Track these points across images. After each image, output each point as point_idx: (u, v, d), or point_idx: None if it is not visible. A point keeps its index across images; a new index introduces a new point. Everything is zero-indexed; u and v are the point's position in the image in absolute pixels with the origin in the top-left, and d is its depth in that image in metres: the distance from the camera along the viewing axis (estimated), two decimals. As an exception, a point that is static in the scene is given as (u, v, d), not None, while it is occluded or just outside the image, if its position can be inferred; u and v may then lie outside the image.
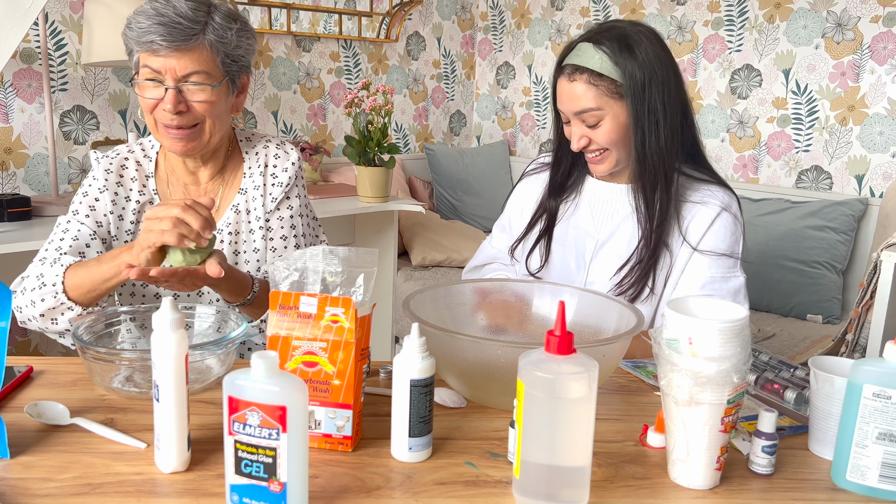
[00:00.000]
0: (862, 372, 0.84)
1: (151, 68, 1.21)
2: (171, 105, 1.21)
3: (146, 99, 1.24)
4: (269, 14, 3.10)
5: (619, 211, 1.41)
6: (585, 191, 1.45)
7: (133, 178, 1.34)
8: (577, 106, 1.31)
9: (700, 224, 1.35)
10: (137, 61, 1.24)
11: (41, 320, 1.21)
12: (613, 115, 1.31)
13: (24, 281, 1.23)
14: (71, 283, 1.18)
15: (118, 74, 2.68)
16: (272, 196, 1.37)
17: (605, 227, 1.41)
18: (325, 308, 0.88)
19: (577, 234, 1.43)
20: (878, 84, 2.82)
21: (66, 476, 0.82)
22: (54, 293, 1.18)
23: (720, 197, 1.37)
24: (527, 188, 1.54)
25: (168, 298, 0.82)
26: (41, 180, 2.55)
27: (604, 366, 0.95)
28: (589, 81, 1.30)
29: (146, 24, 1.19)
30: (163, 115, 1.24)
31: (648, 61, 1.28)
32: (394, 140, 3.69)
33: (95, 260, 1.19)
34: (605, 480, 0.85)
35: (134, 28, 1.21)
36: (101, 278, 1.16)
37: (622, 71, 1.28)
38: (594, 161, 1.37)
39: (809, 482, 0.87)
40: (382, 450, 0.91)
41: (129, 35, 1.22)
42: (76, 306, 1.19)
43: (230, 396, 0.74)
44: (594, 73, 1.29)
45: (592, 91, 1.30)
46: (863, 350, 2.05)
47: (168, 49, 1.19)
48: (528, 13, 3.84)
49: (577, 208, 1.45)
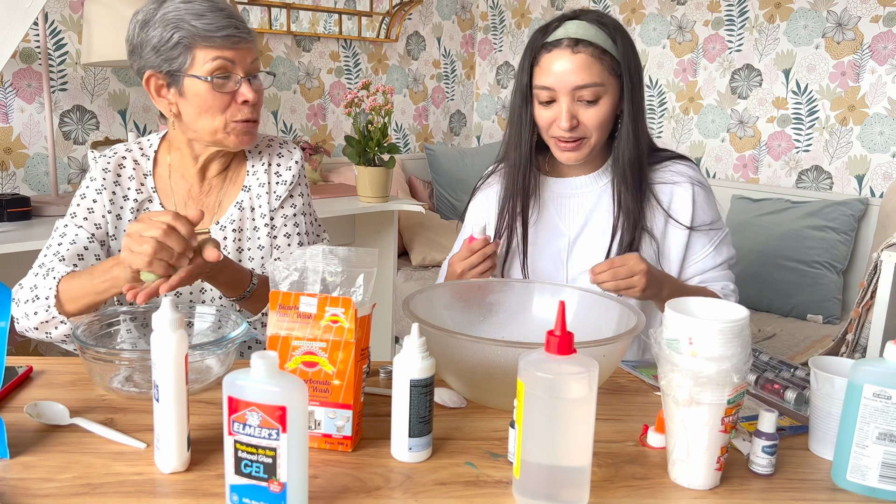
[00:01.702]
0: (862, 372, 0.84)
1: (226, 59, 1.23)
2: (252, 95, 1.25)
3: (222, 93, 1.24)
4: (269, 14, 3.10)
5: (584, 204, 1.39)
6: (544, 191, 1.42)
7: (131, 177, 1.34)
8: (580, 79, 1.25)
9: (682, 203, 1.36)
10: (191, 60, 1.22)
11: (37, 332, 1.21)
12: (611, 94, 1.28)
13: (20, 291, 1.23)
14: (65, 295, 1.17)
15: (118, 74, 2.68)
16: (276, 194, 1.37)
17: (573, 222, 1.40)
18: (324, 308, 0.88)
19: (548, 236, 1.41)
20: (879, 84, 2.82)
21: (66, 476, 0.82)
22: (46, 307, 1.18)
23: (685, 172, 1.38)
24: (483, 201, 1.50)
25: (168, 298, 0.82)
26: (41, 180, 2.55)
27: (604, 366, 0.95)
28: (594, 55, 1.25)
29: (219, 19, 1.21)
30: (240, 110, 1.26)
31: (633, 48, 1.31)
32: (394, 140, 3.69)
33: (88, 272, 1.17)
34: (605, 480, 0.85)
35: (200, 24, 1.20)
36: (94, 291, 1.15)
37: (620, 50, 1.28)
38: (570, 148, 1.31)
39: (809, 482, 0.87)
40: (382, 450, 0.91)
41: (196, 30, 1.21)
42: (68, 320, 1.18)
43: (230, 396, 0.74)
44: (599, 47, 1.26)
45: (598, 65, 1.26)
46: (863, 350, 2.05)
47: (243, 41, 1.24)
48: (528, 13, 3.84)
49: (541, 211, 1.42)
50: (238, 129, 1.27)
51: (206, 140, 1.30)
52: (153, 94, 1.27)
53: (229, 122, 1.26)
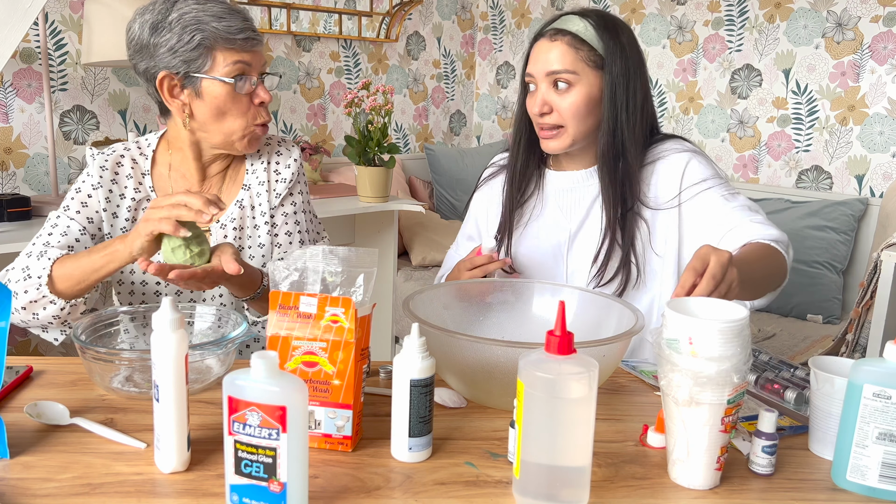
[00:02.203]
0: (862, 372, 0.84)
1: (245, 62, 1.26)
2: (268, 96, 1.29)
3: (241, 95, 1.27)
4: (269, 14, 3.10)
5: (585, 197, 1.40)
6: (547, 184, 1.44)
7: (128, 176, 1.34)
8: (551, 66, 1.30)
9: (671, 174, 1.34)
10: (212, 62, 1.24)
11: (23, 313, 1.21)
12: (586, 85, 1.31)
13: (8, 273, 1.24)
14: (59, 273, 1.18)
15: (118, 74, 2.68)
16: (276, 192, 1.38)
17: (574, 216, 1.41)
18: (325, 308, 0.88)
19: (549, 230, 1.43)
20: (879, 84, 2.82)
21: (66, 476, 0.82)
22: (38, 285, 1.18)
23: (682, 146, 1.37)
24: (487, 193, 1.52)
25: (168, 298, 0.82)
26: (41, 180, 2.55)
27: (604, 366, 0.95)
28: (570, 44, 1.30)
29: (236, 21, 1.24)
30: (257, 114, 1.30)
31: (629, 44, 1.32)
32: (394, 140, 3.69)
33: (86, 251, 1.19)
34: (605, 480, 0.85)
35: (220, 26, 1.23)
36: (91, 268, 1.16)
37: (605, 45, 1.30)
38: (547, 136, 1.35)
39: (809, 482, 0.87)
40: (382, 450, 0.91)
41: (217, 33, 1.23)
42: (59, 300, 1.19)
43: (230, 396, 0.74)
44: (577, 37, 1.30)
45: (572, 54, 1.30)
46: (863, 350, 2.06)
47: (259, 44, 1.28)
48: (528, 13, 3.84)
49: (543, 204, 1.44)
50: (254, 134, 1.31)
51: (217, 142, 1.31)
52: (165, 95, 1.27)
53: (250, 124, 1.29)
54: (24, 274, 1.20)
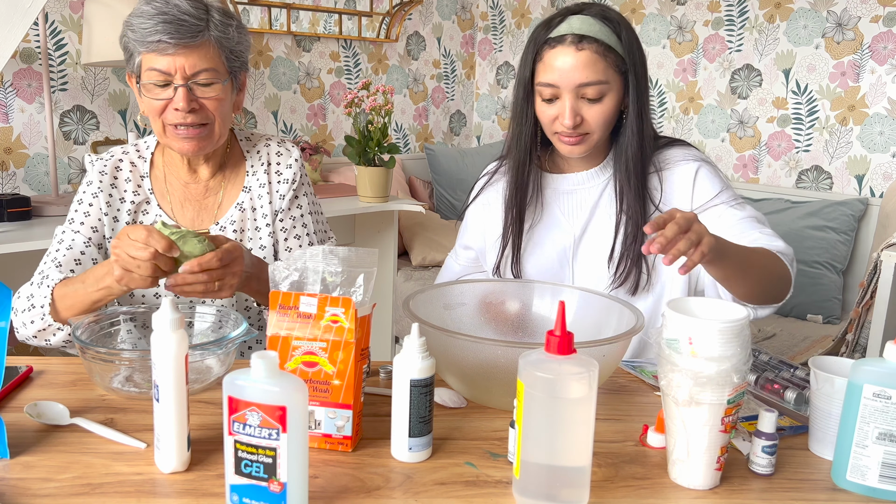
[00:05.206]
0: (862, 372, 0.84)
1: (159, 70, 1.20)
2: (184, 103, 1.20)
3: (155, 101, 1.23)
4: (269, 14, 3.10)
5: (587, 199, 1.37)
6: (546, 188, 1.40)
7: (128, 179, 1.34)
8: (583, 77, 1.23)
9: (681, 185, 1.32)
10: (139, 64, 1.23)
11: (36, 340, 1.23)
12: (616, 91, 1.27)
13: (18, 300, 1.24)
14: (62, 304, 1.19)
15: (118, 74, 2.68)
16: (279, 193, 1.37)
17: (578, 219, 1.37)
18: (325, 308, 0.88)
19: (553, 234, 1.39)
20: (879, 84, 2.82)
21: (66, 476, 0.82)
22: (42, 315, 1.19)
23: (690, 154, 1.35)
24: (485, 204, 1.47)
25: (168, 298, 0.82)
26: (41, 180, 2.55)
27: (604, 366, 0.95)
28: (598, 52, 1.24)
29: (150, 24, 1.18)
30: (174, 115, 1.22)
31: (637, 42, 1.29)
32: (394, 140, 3.68)
33: (80, 280, 1.17)
34: (605, 480, 0.85)
35: (137, 29, 1.20)
36: (89, 301, 1.16)
37: (626, 48, 1.25)
38: (573, 142, 1.29)
39: (809, 482, 0.87)
40: (382, 450, 0.91)
41: (132, 37, 1.21)
42: (66, 326, 1.20)
43: (230, 396, 0.74)
44: (603, 44, 1.24)
45: (602, 63, 1.24)
46: (863, 350, 2.06)
47: (176, 47, 1.19)
48: (528, 13, 3.84)
49: (544, 208, 1.40)
50: (177, 135, 1.25)
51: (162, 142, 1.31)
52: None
53: (166, 124, 1.25)
54: (29, 304, 1.21)
